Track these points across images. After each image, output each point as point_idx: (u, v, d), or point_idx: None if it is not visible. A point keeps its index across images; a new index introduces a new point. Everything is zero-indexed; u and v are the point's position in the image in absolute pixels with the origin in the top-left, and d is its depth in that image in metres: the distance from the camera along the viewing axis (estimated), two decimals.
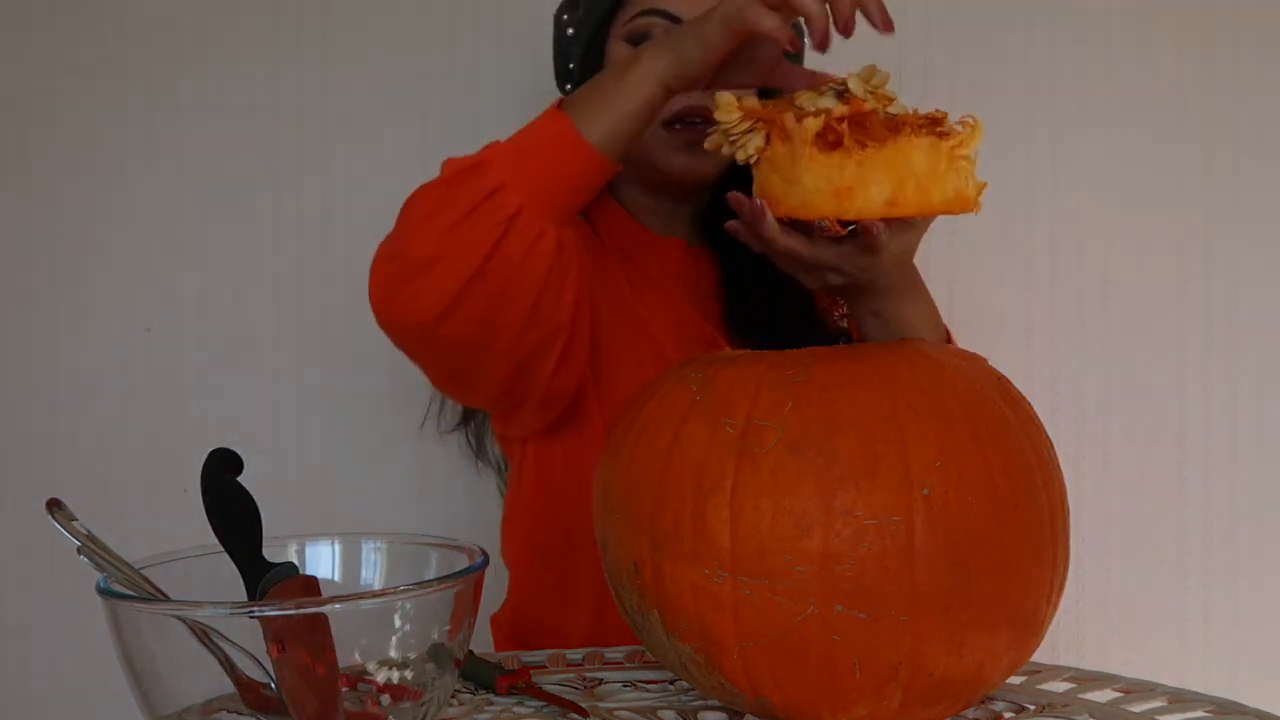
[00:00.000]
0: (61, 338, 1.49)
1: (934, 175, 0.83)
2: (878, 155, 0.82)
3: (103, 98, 1.49)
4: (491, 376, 1.01)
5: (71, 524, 0.73)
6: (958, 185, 0.84)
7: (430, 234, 0.92)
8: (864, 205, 0.82)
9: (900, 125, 0.83)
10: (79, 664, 1.48)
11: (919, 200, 0.83)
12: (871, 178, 0.82)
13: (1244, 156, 1.52)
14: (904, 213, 0.83)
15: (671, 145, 1.12)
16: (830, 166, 0.82)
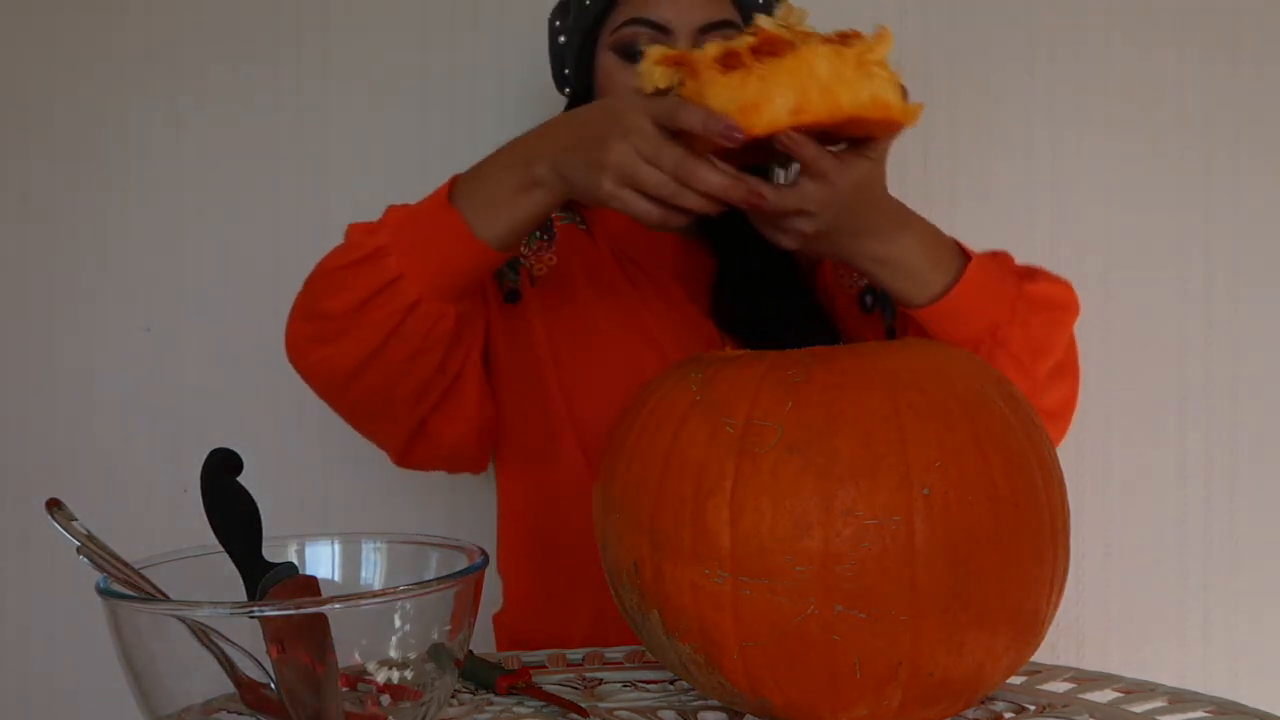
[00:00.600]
0: (61, 338, 1.49)
1: (840, 80, 0.83)
2: (778, 66, 0.83)
3: (103, 98, 1.49)
4: (394, 434, 1.09)
5: (71, 524, 0.73)
6: (873, 90, 0.83)
7: (335, 311, 0.97)
8: (771, 117, 0.82)
9: (802, 39, 0.84)
10: (79, 664, 1.48)
11: (826, 105, 0.83)
12: (774, 90, 0.82)
13: (1244, 156, 1.52)
14: (812, 118, 0.83)
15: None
16: (732, 85, 0.83)
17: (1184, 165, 1.52)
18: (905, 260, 0.97)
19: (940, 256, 0.99)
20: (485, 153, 1.03)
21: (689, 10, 1.10)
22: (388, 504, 1.47)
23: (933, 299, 0.98)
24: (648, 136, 0.86)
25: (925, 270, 0.98)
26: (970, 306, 0.99)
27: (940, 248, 1.00)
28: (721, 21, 1.11)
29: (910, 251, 0.97)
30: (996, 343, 1.00)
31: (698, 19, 1.10)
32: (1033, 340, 1.02)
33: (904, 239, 0.97)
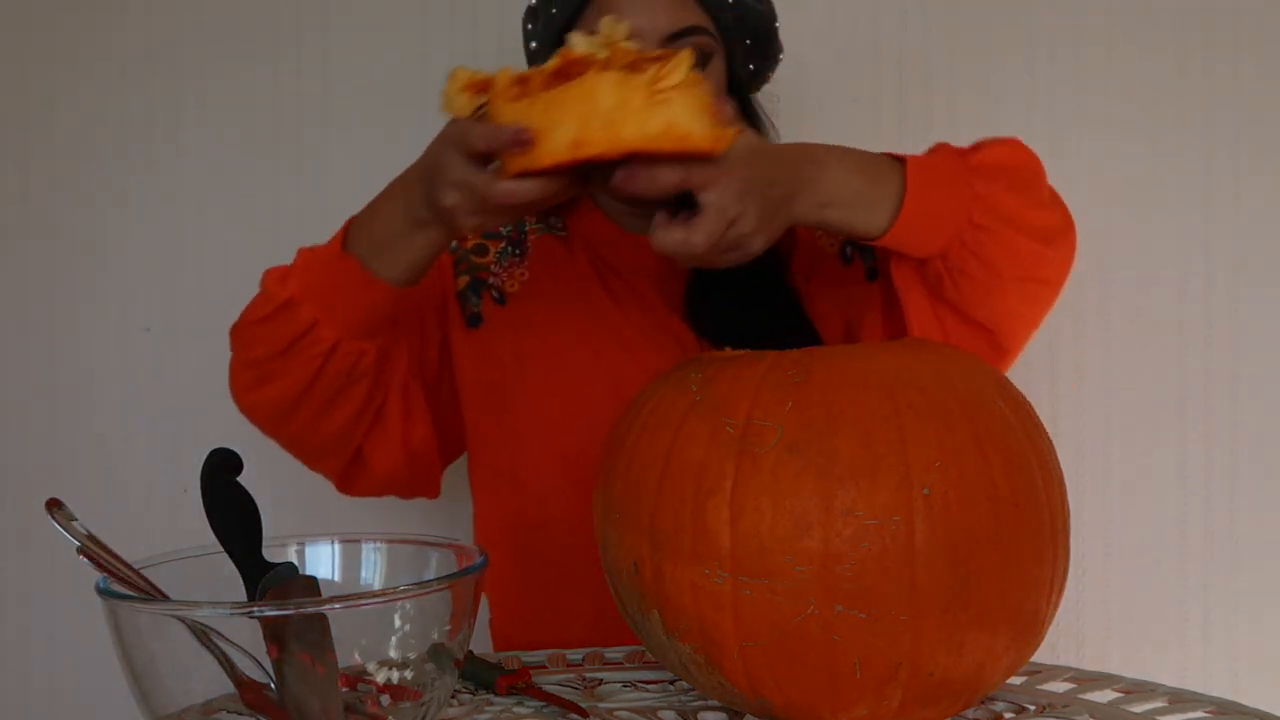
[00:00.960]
0: (61, 338, 1.49)
1: (625, 110, 0.78)
2: (562, 96, 0.79)
3: (103, 98, 1.49)
4: (333, 465, 1.12)
5: (71, 524, 0.73)
6: (666, 120, 0.78)
7: (259, 359, 1.02)
8: (551, 150, 0.79)
9: (613, 61, 0.80)
10: (79, 664, 1.48)
11: (608, 138, 0.78)
12: (556, 119, 0.79)
13: (1244, 156, 1.52)
14: (592, 153, 0.79)
15: (618, 208, 1.12)
16: (518, 113, 0.80)
17: (1184, 165, 1.52)
18: (841, 192, 0.92)
19: (876, 172, 0.95)
20: None
21: (655, 18, 1.06)
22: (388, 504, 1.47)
23: (891, 217, 0.94)
24: (455, 167, 0.86)
25: (867, 191, 0.93)
26: (929, 207, 0.95)
27: (871, 165, 0.95)
28: (690, 28, 1.07)
29: (842, 183, 0.93)
30: (976, 227, 0.96)
31: (664, 26, 1.06)
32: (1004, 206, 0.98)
33: (830, 174, 0.92)
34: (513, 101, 0.81)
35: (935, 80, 1.51)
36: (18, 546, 1.50)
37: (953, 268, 0.98)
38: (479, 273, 1.17)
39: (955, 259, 0.97)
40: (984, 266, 0.98)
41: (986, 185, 0.97)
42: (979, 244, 0.96)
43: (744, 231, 0.86)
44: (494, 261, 1.17)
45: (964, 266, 0.98)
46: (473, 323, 1.15)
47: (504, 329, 1.15)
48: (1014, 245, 0.98)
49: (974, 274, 0.98)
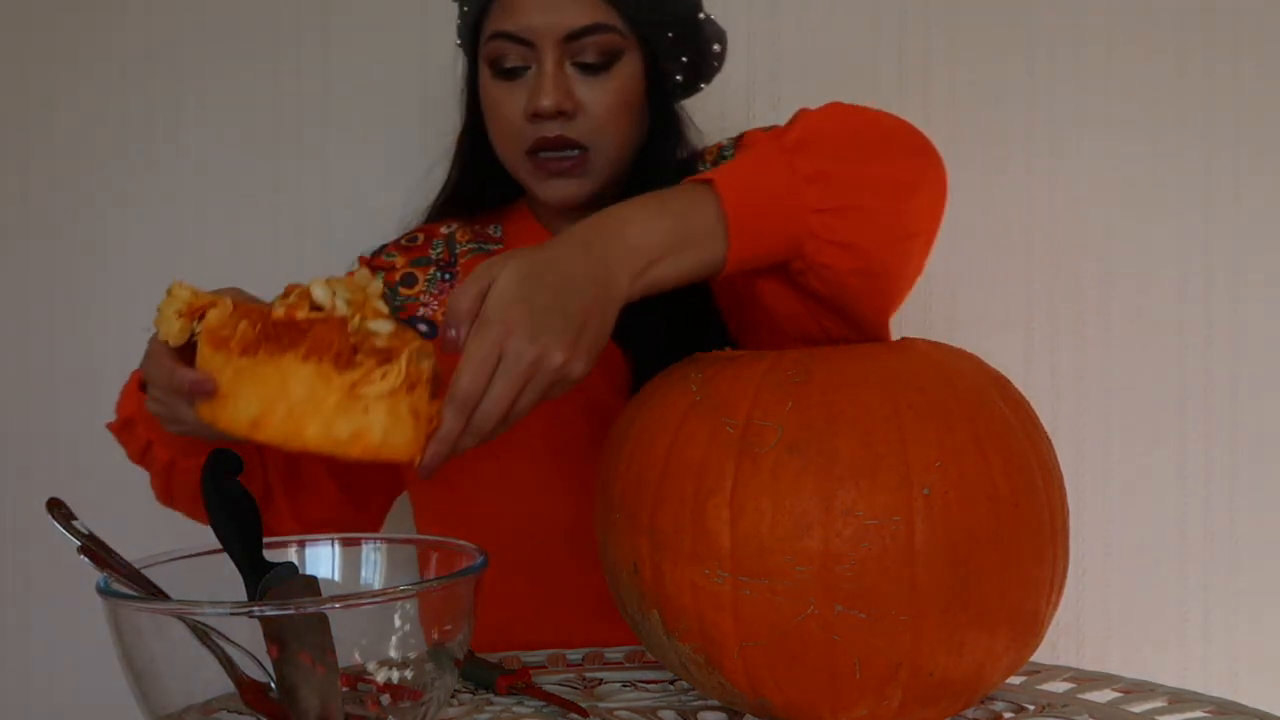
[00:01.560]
0: (61, 338, 1.49)
1: (316, 406, 0.71)
2: (254, 367, 0.72)
3: (103, 98, 1.49)
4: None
5: (71, 524, 0.73)
6: (358, 427, 0.72)
7: (131, 458, 1.04)
8: (230, 417, 0.73)
9: (299, 341, 0.72)
10: (79, 664, 1.48)
11: (286, 430, 0.71)
12: (243, 389, 0.72)
13: (1244, 156, 1.52)
14: (269, 438, 0.72)
15: (538, 175, 1.07)
16: (212, 365, 0.74)
17: (1184, 165, 1.52)
18: (655, 244, 0.81)
19: (683, 206, 0.83)
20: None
21: (553, 17, 1.03)
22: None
23: (724, 243, 0.82)
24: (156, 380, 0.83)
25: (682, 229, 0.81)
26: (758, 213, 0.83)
27: (673, 201, 0.83)
28: (592, 26, 1.03)
29: (650, 235, 0.81)
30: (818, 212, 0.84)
31: (563, 26, 1.02)
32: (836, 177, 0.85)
33: (632, 233, 0.81)
34: (213, 348, 0.74)
35: (935, 80, 1.51)
36: (18, 547, 1.50)
37: (813, 263, 0.86)
38: (403, 311, 1.13)
39: (812, 253, 0.85)
40: (843, 250, 0.86)
41: (809, 162, 0.85)
42: (828, 229, 0.84)
43: (553, 363, 0.75)
44: (424, 290, 1.15)
45: (822, 258, 0.85)
46: None
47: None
48: (864, 215, 0.86)
49: (836, 261, 0.86)
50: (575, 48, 1.04)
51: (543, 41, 1.03)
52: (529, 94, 1.04)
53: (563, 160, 1.05)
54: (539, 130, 1.04)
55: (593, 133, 1.05)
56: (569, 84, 1.04)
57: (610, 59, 1.05)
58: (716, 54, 1.14)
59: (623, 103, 1.06)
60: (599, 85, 1.05)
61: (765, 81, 1.50)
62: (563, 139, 1.04)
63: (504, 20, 1.04)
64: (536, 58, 1.04)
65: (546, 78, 1.03)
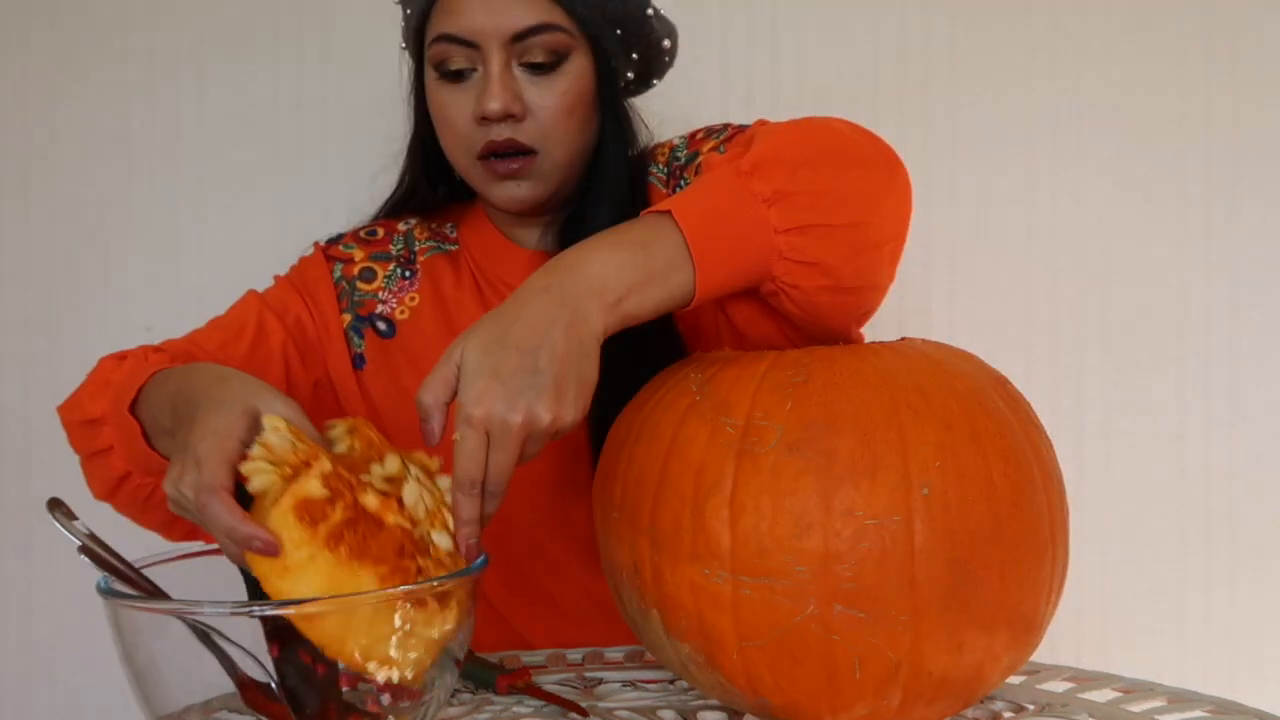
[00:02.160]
0: (61, 338, 1.49)
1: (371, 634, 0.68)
2: (333, 566, 0.68)
3: (103, 99, 1.49)
4: None
5: (72, 523, 0.73)
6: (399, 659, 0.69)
7: (77, 451, 0.97)
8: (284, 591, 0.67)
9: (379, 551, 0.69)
10: (79, 664, 1.48)
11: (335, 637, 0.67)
12: (311, 578, 0.68)
13: (1244, 157, 1.52)
14: (313, 634, 0.67)
15: (488, 179, 1.05)
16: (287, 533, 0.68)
17: (1184, 165, 1.53)
18: (620, 280, 0.79)
19: (643, 239, 0.81)
20: None
21: (496, 19, 1.00)
22: None
23: (690, 274, 0.81)
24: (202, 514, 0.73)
25: (645, 263, 0.80)
26: (722, 242, 0.82)
27: (632, 235, 0.82)
28: (538, 26, 1.00)
29: (612, 271, 0.79)
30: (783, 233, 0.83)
31: (508, 27, 1.00)
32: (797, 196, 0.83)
33: (591, 271, 0.79)
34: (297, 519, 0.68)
35: (935, 80, 1.51)
36: (18, 546, 1.50)
37: (783, 284, 0.85)
38: (362, 307, 1.11)
39: (781, 274, 0.84)
40: (811, 268, 0.84)
41: (767, 183, 0.83)
42: (794, 248, 0.83)
43: (541, 424, 0.74)
44: (382, 287, 1.12)
45: (792, 278, 0.84)
46: (358, 364, 1.11)
47: (386, 365, 1.10)
48: (828, 231, 0.84)
49: (806, 280, 0.85)
50: (521, 48, 1.01)
51: (488, 43, 1.00)
52: (476, 97, 1.01)
53: (511, 163, 1.03)
54: (487, 134, 1.02)
55: (542, 135, 1.02)
56: (516, 86, 1.01)
57: (558, 59, 1.02)
58: (667, 50, 1.12)
59: (572, 103, 1.03)
60: (547, 86, 1.02)
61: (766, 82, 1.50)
62: (512, 142, 1.02)
63: (447, 22, 1.02)
64: (482, 59, 1.01)
65: (493, 80, 1.00)
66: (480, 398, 0.73)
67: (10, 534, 1.50)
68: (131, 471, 0.94)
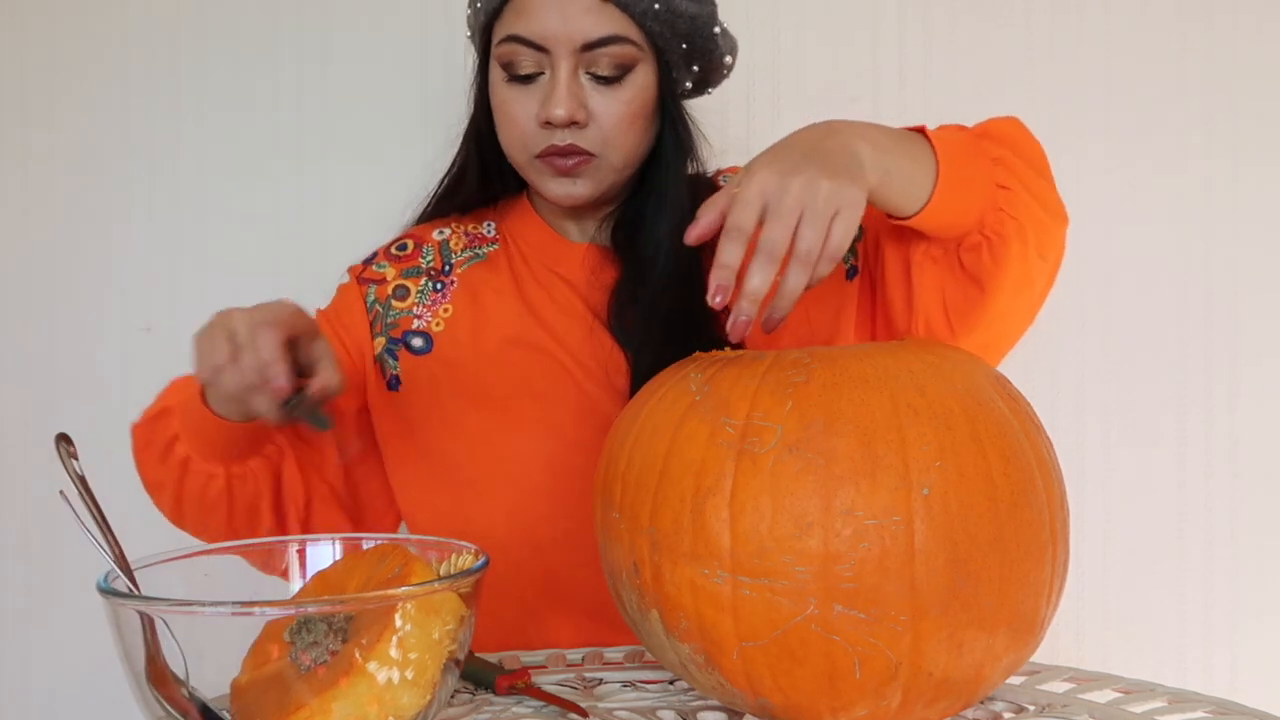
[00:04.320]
0: (61, 338, 1.49)
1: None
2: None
3: (103, 99, 1.49)
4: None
5: (71, 461, 0.73)
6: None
7: (147, 464, 1.04)
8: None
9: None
10: (79, 664, 1.48)
11: None
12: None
13: (1244, 156, 1.52)
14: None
15: (545, 174, 1.07)
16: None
17: (1184, 165, 1.53)
18: (887, 143, 0.86)
19: (907, 144, 0.89)
20: None
21: (569, 26, 1.01)
22: None
23: (928, 191, 0.90)
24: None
25: (907, 166, 0.88)
26: (960, 176, 0.91)
27: (900, 137, 0.90)
28: (609, 37, 1.02)
29: (882, 135, 0.87)
30: (1001, 188, 0.94)
31: (580, 36, 1.01)
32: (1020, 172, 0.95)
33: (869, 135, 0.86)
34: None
35: (935, 80, 1.51)
36: (18, 546, 1.50)
37: (990, 233, 0.95)
38: (395, 328, 1.13)
39: (992, 224, 0.94)
40: (1016, 227, 0.94)
41: (995, 147, 0.95)
42: (1009, 202, 0.94)
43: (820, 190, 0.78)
44: (416, 303, 1.13)
45: (1001, 228, 0.94)
46: (393, 385, 1.12)
47: (425, 380, 1.11)
48: (1031, 214, 0.95)
49: (1010, 235, 0.94)
50: (590, 58, 1.02)
51: (558, 49, 1.02)
52: (541, 100, 1.03)
53: (569, 160, 1.05)
54: (549, 138, 1.04)
55: (603, 141, 1.05)
56: (582, 94, 1.03)
57: (624, 71, 1.04)
58: (728, 65, 1.14)
59: (634, 113, 1.05)
60: (612, 95, 1.04)
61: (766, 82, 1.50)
62: (574, 147, 1.04)
63: (519, 23, 1.03)
64: (550, 64, 1.03)
65: (560, 86, 1.02)
66: (758, 181, 0.79)
67: (10, 534, 1.50)
68: (192, 456, 0.99)
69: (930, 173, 0.90)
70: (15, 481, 1.50)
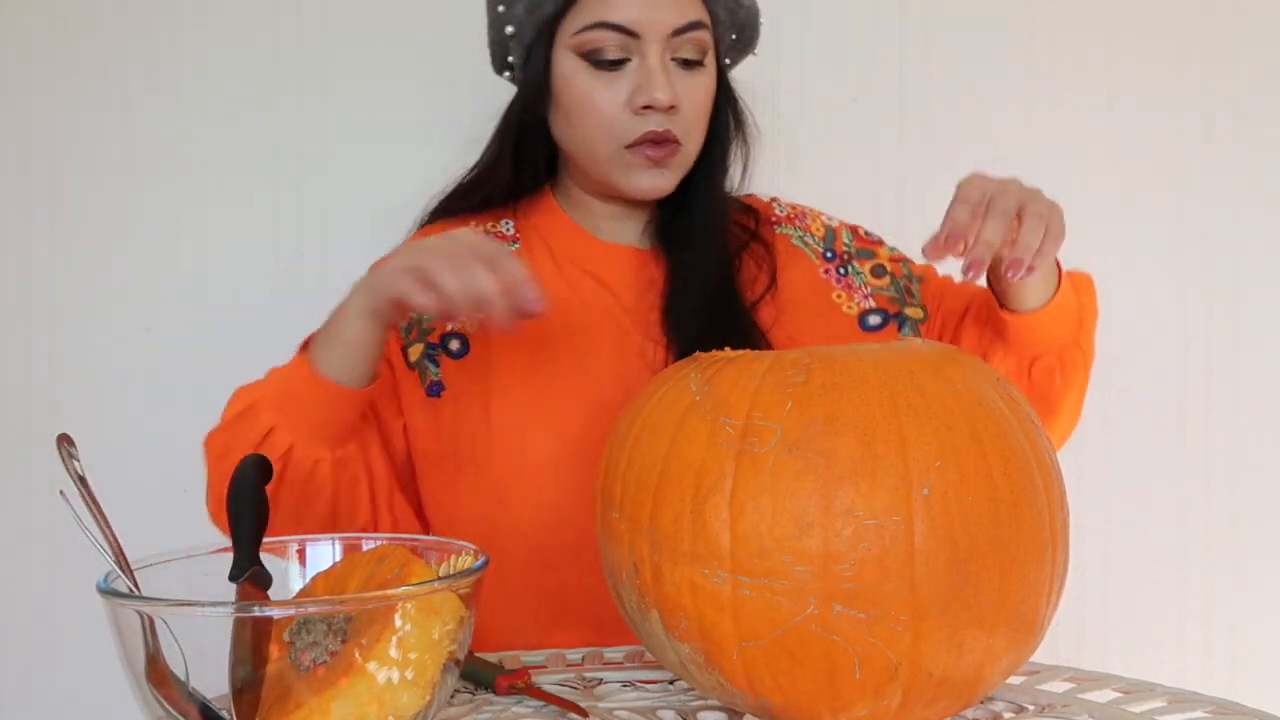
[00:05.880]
0: (61, 338, 1.50)
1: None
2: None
3: (103, 99, 1.49)
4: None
5: (72, 461, 0.73)
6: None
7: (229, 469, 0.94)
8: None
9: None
10: (79, 664, 1.48)
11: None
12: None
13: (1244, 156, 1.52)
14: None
15: (634, 166, 1.07)
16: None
17: (1184, 166, 1.53)
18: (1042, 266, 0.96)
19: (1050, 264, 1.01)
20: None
21: (659, 11, 1.03)
22: None
23: (1041, 305, 1.01)
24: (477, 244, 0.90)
25: (1044, 277, 1.00)
26: (1061, 316, 1.02)
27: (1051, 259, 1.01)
28: (695, 23, 1.05)
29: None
30: (1061, 359, 1.05)
31: (669, 22, 1.03)
32: (1085, 354, 1.08)
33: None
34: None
35: (935, 81, 1.51)
36: (18, 546, 1.50)
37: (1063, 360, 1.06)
38: (431, 333, 1.12)
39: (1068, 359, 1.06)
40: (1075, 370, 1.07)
41: (1085, 298, 1.07)
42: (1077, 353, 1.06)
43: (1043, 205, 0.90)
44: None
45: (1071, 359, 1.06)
46: (433, 391, 1.10)
47: (467, 383, 1.10)
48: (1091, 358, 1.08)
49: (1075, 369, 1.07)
50: (677, 43, 1.04)
51: (649, 34, 1.03)
52: (633, 87, 1.04)
53: (662, 150, 1.06)
54: (644, 124, 1.04)
55: (687, 128, 1.07)
56: (673, 79, 1.05)
57: (703, 56, 1.06)
58: (747, 58, 1.17)
59: (708, 99, 1.08)
60: (695, 81, 1.06)
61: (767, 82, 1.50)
62: (669, 133, 1.05)
63: (605, 11, 1.04)
64: (640, 50, 1.04)
65: (658, 71, 1.03)
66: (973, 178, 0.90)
67: (10, 534, 1.50)
68: (294, 444, 0.98)
69: (1053, 283, 1.01)
70: (15, 481, 1.50)
